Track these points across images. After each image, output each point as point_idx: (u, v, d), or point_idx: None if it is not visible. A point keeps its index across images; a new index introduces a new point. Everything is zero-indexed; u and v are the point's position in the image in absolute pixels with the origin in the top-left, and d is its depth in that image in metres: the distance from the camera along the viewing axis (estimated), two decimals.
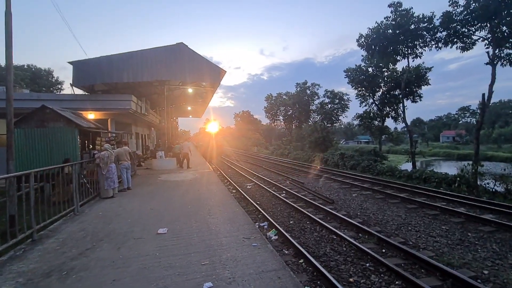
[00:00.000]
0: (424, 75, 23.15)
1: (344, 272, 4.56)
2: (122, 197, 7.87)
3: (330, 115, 38.40)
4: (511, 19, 13.83)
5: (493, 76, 14.90)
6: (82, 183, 6.96)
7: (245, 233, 4.71)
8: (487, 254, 5.25)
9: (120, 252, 4.00)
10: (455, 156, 44.01)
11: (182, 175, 12.37)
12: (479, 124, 16.25)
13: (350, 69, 28.06)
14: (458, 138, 70.94)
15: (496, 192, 10.58)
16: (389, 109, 27.05)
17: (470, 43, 16.20)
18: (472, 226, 6.78)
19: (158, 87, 17.52)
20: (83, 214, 6.11)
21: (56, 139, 9.05)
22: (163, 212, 6.14)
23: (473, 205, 8.48)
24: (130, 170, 9.18)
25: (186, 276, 3.25)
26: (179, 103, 26.94)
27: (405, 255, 5.09)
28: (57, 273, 3.38)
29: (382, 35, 18.84)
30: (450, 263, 4.82)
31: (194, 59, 14.24)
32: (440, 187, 11.90)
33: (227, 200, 7.37)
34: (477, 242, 5.85)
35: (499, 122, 68.47)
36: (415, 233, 6.49)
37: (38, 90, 34.02)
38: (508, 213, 7.53)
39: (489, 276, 4.45)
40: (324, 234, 6.36)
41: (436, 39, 17.43)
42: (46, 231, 4.96)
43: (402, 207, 8.63)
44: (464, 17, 15.31)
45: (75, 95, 13.99)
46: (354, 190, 11.42)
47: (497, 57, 14.97)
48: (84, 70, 12.86)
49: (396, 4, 18.53)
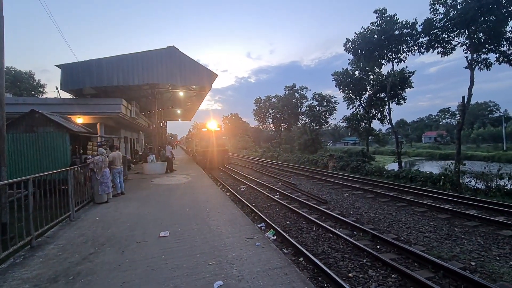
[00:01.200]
0: (407, 79, 24.11)
1: (343, 268, 4.74)
2: (117, 202, 7.77)
3: (319, 118, 39.13)
4: (487, 26, 14.72)
5: (472, 79, 15.75)
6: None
7: (247, 233, 4.82)
8: (473, 247, 5.59)
9: (125, 255, 4.01)
10: (437, 156, 45.78)
11: (175, 178, 12.30)
12: (460, 125, 17.07)
13: (337, 73, 28.79)
14: (439, 138, 73.90)
15: (478, 189, 11.17)
16: (375, 111, 27.92)
17: (450, 48, 17.06)
18: (458, 222, 7.17)
19: (148, 91, 17.34)
20: (80, 219, 6.02)
21: (45, 144, 8.87)
22: (162, 216, 6.14)
23: (457, 202, 8.96)
24: (122, 175, 9.07)
25: (195, 276, 3.33)
26: (168, 107, 26.69)
27: (399, 250, 5.35)
28: (63, 278, 3.37)
29: (368, 40, 19.50)
30: (440, 256, 5.12)
31: (185, 63, 14.24)
32: (425, 185, 12.43)
33: (224, 202, 7.44)
34: (463, 236, 6.21)
35: (476, 123, 71.91)
36: (406, 229, 6.79)
37: (19, 94, 32.78)
38: (489, 209, 8.02)
39: (476, 267, 4.76)
40: (321, 233, 6.55)
41: (418, 44, 18.24)
42: (44, 237, 4.88)
43: (392, 205, 8.99)
44: (444, 24, 16.13)
45: (63, 99, 13.66)
46: (345, 190, 11.74)
47: (475, 62, 15.85)
48: (73, 74, 12.59)
49: (381, 11, 19.28)
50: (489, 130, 61.78)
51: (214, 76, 15.09)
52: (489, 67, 15.69)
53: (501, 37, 14.65)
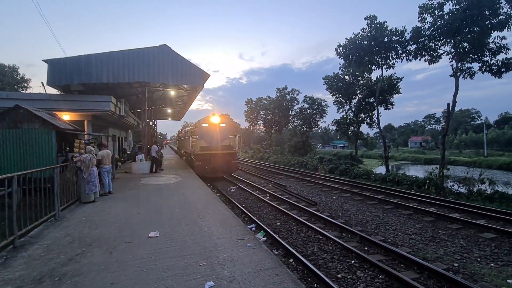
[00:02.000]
0: (396, 84, 24.77)
1: (332, 269, 4.82)
2: (105, 201, 7.60)
3: (309, 120, 39.53)
4: (471, 36, 15.34)
5: (456, 87, 16.36)
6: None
7: (238, 234, 4.82)
8: (456, 249, 5.80)
9: (113, 256, 3.93)
10: (422, 160, 47.12)
11: (164, 178, 12.13)
12: (445, 131, 17.69)
13: (328, 77, 29.23)
14: (424, 143, 76.10)
15: (460, 193, 11.58)
16: (364, 115, 28.50)
17: (436, 56, 17.67)
18: (442, 224, 7.41)
19: (138, 89, 17.02)
20: (65, 219, 5.85)
21: (30, 141, 8.57)
22: (151, 216, 6.05)
23: (441, 205, 9.26)
24: (110, 174, 8.88)
25: (186, 277, 3.30)
26: (158, 105, 26.30)
27: (386, 252, 5.48)
28: (49, 279, 3.27)
29: (359, 46, 19.93)
30: (425, 258, 5.28)
31: (177, 62, 14.10)
32: (411, 189, 12.78)
33: (214, 203, 7.40)
34: (447, 238, 6.43)
35: (460, 129, 74.53)
36: (392, 231, 6.96)
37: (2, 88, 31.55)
38: (471, 212, 8.33)
39: (459, 268, 4.94)
40: (311, 234, 6.62)
41: (407, 52, 18.80)
42: (27, 237, 4.71)
43: (380, 208, 9.19)
44: (431, 33, 16.70)
45: (50, 94, 13.24)
46: (334, 193, 11.91)
47: (459, 70, 16.48)
48: (60, 69, 12.21)
49: (371, 17, 19.76)
50: (471, 136, 64.17)
51: (207, 76, 15.00)
52: (473, 76, 16.36)
53: (484, 48, 15.30)
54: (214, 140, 15.13)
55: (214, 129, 15.23)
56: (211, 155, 14.59)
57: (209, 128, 15.23)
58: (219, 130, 15.37)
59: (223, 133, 15.61)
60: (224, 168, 14.88)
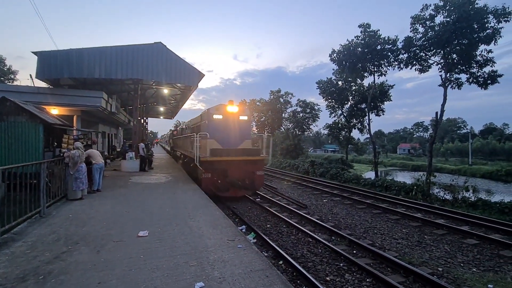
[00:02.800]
0: (387, 92, 25.27)
1: (321, 272, 4.86)
2: (92, 199, 7.43)
3: (302, 124, 39.82)
4: (460, 48, 15.85)
5: (445, 97, 16.84)
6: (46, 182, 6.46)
7: (229, 235, 4.81)
8: (441, 254, 5.96)
9: (101, 255, 3.85)
10: (410, 167, 48.17)
11: (154, 177, 11.97)
12: (433, 139, 18.18)
13: (322, 81, 29.56)
14: (412, 150, 77.83)
15: (446, 200, 11.90)
16: (355, 121, 28.91)
17: (426, 66, 18.15)
18: (428, 230, 7.60)
19: (130, 86, 16.76)
20: (51, 216, 5.70)
21: (16, 134, 8.33)
22: (141, 215, 5.96)
23: (428, 211, 9.49)
24: (103, 171, 8.69)
25: (175, 277, 3.27)
26: (151, 103, 25.98)
27: (374, 256, 5.57)
28: (33, 277, 3.18)
29: (352, 53, 20.27)
30: (411, 262, 5.40)
31: (172, 60, 13.97)
32: (399, 194, 13.06)
33: (205, 203, 7.36)
34: (432, 243, 6.59)
35: (446, 137, 76.68)
36: (380, 236, 7.09)
37: None
38: (455, 218, 8.58)
39: (443, 272, 5.07)
40: (300, 237, 6.67)
41: (398, 60, 19.24)
42: (10, 234, 4.57)
43: (368, 212, 9.34)
44: (422, 43, 17.16)
45: (38, 87, 12.88)
46: (324, 196, 12.04)
47: (448, 80, 16.99)
48: (50, 62, 11.89)
49: (365, 25, 20.14)
50: (457, 145, 66.12)
51: (201, 75, 14.92)
52: (460, 86, 16.88)
53: (472, 60, 15.82)
54: (232, 140, 10.55)
55: (232, 122, 10.58)
56: (227, 162, 9.82)
57: (224, 122, 10.48)
58: (238, 125, 10.71)
59: (244, 129, 11.02)
60: (245, 182, 10.06)
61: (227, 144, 10.42)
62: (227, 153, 9.90)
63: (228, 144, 10.42)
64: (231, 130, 10.57)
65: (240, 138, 10.76)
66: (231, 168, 9.85)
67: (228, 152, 9.95)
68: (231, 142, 10.53)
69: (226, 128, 10.51)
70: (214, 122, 10.41)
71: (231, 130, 10.56)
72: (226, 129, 10.50)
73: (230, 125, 10.55)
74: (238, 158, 9.92)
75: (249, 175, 10.20)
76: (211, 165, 9.67)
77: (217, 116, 10.45)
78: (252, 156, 10.28)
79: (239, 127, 10.72)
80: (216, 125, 10.41)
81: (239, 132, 10.73)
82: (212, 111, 10.48)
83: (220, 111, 10.52)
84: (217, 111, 10.51)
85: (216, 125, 10.41)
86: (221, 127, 10.46)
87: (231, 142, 10.52)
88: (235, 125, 10.65)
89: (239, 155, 10.05)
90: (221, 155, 9.76)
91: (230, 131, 10.55)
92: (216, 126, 10.41)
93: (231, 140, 10.54)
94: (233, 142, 10.56)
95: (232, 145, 10.46)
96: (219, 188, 9.63)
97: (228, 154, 9.90)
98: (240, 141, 10.76)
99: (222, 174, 9.81)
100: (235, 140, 10.62)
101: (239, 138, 10.74)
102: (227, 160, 9.81)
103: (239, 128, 10.73)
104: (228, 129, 10.53)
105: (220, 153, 9.80)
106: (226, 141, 10.45)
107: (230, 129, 10.54)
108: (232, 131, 10.58)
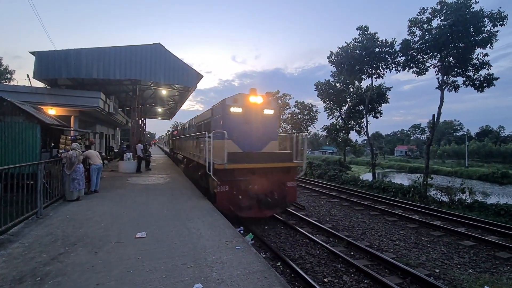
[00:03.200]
0: (384, 94, 25.43)
1: (319, 273, 4.88)
2: (90, 200, 7.39)
3: (300, 125, 39.91)
4: (456, 51, 16.01)
5: (442, 99, 16.99)
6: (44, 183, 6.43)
7: (227, 236, 4.81)
8: (437, 255, 6.00)
9: (99, 256, 3.84)
10: (407, 168, 48.46)
11: (152, 178, 11.94)
12: (430, 141, 18.30)
13: (320, 83, 29.70)
14: (409, 152, 78.32)
15: (443, 201, 11.99)
16: (353, 122, 29.05)
17: (423, 69, 18.32)
18: (425, 231, 7.64)
19: (129, 86, 16.73)
20: (48, 217, 5.66)
21: (13, 135, 8.28)
22: (138, 216, 5.94)
23: (425, 212, 9.55)
24: (101, 172, 8.64)
25: (174, 278, 3.27)
26: (149, 104, 25.92)
27: (371, 257, 5.60)
28: (30, 278, 3.15)
29: (350, 55, 20.39)
30: (409, 263, 5.43)
31: (170, 61, 13.98)
32: (396, 196, 13.12)
33: (203, 204, 7.34)
34: (429, 245, 6.64)
35: (443, 139, 77.24)
36: (378, 237, 7.13)
37: None
38: (452, 220, 8.64)
39: (439, 274, 5.11)
40: (298, 238, 6.68)
41: (396, 63, 19.40)
42: (7, 235, 4.53)
43: (366, 214, 9.38)
44: (419, 46, 17.33)
45: (35, 87, 12.84)
46: (322, 198, 12.07)
47: (445, 83, 17.15)
48: (48, 62, 11.85)
49: (363, 28, 20.29)
50: (453, 147, 66.63)
51: (200, 76, 14.93)
52: (457, 89, 17.04)
53: (468, 63, 15.99)
54: (254, 141, 8.22)
55: (254, 118, 8.23)
56: (250, 171, 7.57)
57: (244, 117, 8.12)
58: (262, 121, 8.36)
59: (270, 126, 8.57)
60: (274, 197, 7.52)
61: (248, 146, 8.06)
62: (251, 158, 7.49)
63: (250, 147, 8.07)
64: (254, 128, 8.21)
65: (264, 139, 8.37)
66: (256, 178, 7.58)
67: (252, 157, 7.53)
68: (253, 143, 8.16)
69: (247, 126, 8.12)
70: (232, 117, 7.96)
71: (253, 128, 8.20)
72: (247, 127, 8.12)
73: (252, 121, 8.17)
74: (266, 166, 7.57)
75: (278, 188, 7.79)
76: (230, 175, 7.30)
77: (235, 109, 8.03)
78: (284, 163, 7.89)
79: (263, 124, 8.34)
80: (234, 121, 7.95)
81: (264, 130, 8.33)
82: (229, 103, 8.04)
83: (239, 102, 8.10)
84: (235, 103, 8.08)
85: (234, 121, 7.96)
86: (241, 123, 8.05)
87: (253, 143, 8.15)
88: (259, 121, 8.28)
89: (268, 161, 7.63)
90: (243, 162, 7.35)
91: (252, 129, 8.18)
92: (234, 123, 7.94)
93: (253, 141, 8.18)
94: (255, 144, 8.20)
95: (254, 148, 8.15)
96: (240, 206, 7.22)
97: (253, 159, 7.50)
98: (265, 143, 8.37)
99: (244, 187, 7.45)
100: (258, 141, 8.25)
101: (263, 139, 8.35)
102: (250, 167, 7.46)
103: (264, 125, 8.35)
104: (249, 126, 8.15)
105: (242, 158, 7.39)
106: (247, 143, 8.07)
107: (252, 127, 8.19)
108: (255, 129, 8.21)
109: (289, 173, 8.04)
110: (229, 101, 8.07)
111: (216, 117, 8.62)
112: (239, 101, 8.10)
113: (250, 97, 8.15)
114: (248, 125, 8.11)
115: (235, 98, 8.13)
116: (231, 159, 7.15)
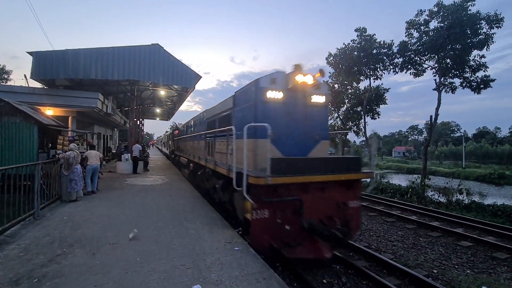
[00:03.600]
0: (382, 95, 25.52)
1: (317, 274, 4.87)
2: (88, 201, 7.35)
3: None
4: (454, 53, 16.14)
5: (439, 100, 17.10)
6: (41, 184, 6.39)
7: (226, 237, 4.79)
8: (435, 256, 6.02)
9: (96, 257, 3.81)
10: (405, 169, 48.67)
11: (150, 179, 11.90)
12: (427, 142, 18.40)
13: None
14: (407, 153, 78.67)
15: (440, 202, 12.05)
16: (351, 123, 29.11)
17: (421, 70, 18.44)
18: (423, 232, 7.67)
19: (127, 87, 16.69)
20: (45, 218, 5.62)
21: (10, 135, 8.22)
22: (137, 217, 5.91)
23: (422, 213, 9.59)
24: (97, 172, 8.59)
25: (172, 280, 3.25)
26: (147, 105, 25.88)
27: (370, 258, 5.61)
28: (27, 280, 3.13)
29: (348, 56, 20.51)
30: (407, 264, 5.45)
31: (169, 62, 13.97)
32: (395, 197, 13.18)
33: (201, 205, 7.33)
34: (427, 245, 6.66)
35: (440, 141, 77.68)
36: (376, 238, 7.14)
37: None
38: (450, 221, 8.68)
39: (438, 274, 5.13)
40: None
41: (394, 64, 19.51)
42: (3, 236, 4.49)
43: (364, 215, 9.39)
44: (417, 48, 17.45)
45: (33, 88, 12.78)
46: None
47: (442, 85, 17.26)
48: (46, 62, 11.80)
49: (361, 29, 20.40)
50: (451, 148, 67.02)
51: (198, 77, 14.94)
52: (454, 91, 17.16)
53: (465, 65, 16.11)
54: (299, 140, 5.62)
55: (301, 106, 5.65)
56: (302, 186, 4.76)
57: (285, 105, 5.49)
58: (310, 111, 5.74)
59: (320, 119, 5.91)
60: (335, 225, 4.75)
61: (291, 148, 5.45)
62: (307, 167, 4.78)
63: (293, 149, 5.47)
64: (299, 122, 5.60)
65: (313, 138, 5.73)
66: (308, 198, 4.79)
67: (310, 166, 4.83)
68: (299, 145, 5.58)
69: (289, 118, 5.51)
70: (270, 105, 5.35)
71: (299, 122, 5.59)
72: (289, 120, 5.51)
73: (297, 111, 5.59)
74: (326, 179, 4.86)
75: (339, 211, 5.08)
76: (272, 194, 4.61)
77: (274, 93, 5.38)
78: (351, 174, 5.20)
79: (311, 117, 5.72)
80: (273, 112, 5.35)
81: (313, 125, 5.72)
82: (264, 84, 5.35)
83: (278, 84, 5.45)
84: (273, 84, 5.40)
85: (273, 111, 5.35)
86: (282, 115, 5.43)
87: (298, 145, 5.57)
88: (306, 112, 5.68)
89: (329, 171, 4.93)
90: (295, 172, 4.62)
91: (298, 123, 5.59)
92: (273, 113, 5.33)
93: (299, 141, 5.59)
94: (301, 145, 5.61)
95: (300, 151, 5.56)
96: (287, 242, 4.59)
97: (309, 169, 4.77)
98: (313, 143, 5.73)
99: (292, 211, 4.71)
100: (304, 140, 5.65)
101: (311, 138, 5.72)
102: (306, 182, 4.72)
103: (312, 117, 5.73)
104: (293, 119, 5.54)
105: (292, 167, 4.65)
106: (288, 144, 5.43)
107: (297, 120, 5.58)
108: (302, 123, 5.62)
109: (352, 188, 5.35)
110: (264, 82, 5.37)
111: (243, 107, 5.89)
112: (279, 81, 5.46)
113: (297, 76, 5.33)
114: (291, 117, 5.51)
115: (273, 77, 5.46)
116: (278, 169, 4.46)
